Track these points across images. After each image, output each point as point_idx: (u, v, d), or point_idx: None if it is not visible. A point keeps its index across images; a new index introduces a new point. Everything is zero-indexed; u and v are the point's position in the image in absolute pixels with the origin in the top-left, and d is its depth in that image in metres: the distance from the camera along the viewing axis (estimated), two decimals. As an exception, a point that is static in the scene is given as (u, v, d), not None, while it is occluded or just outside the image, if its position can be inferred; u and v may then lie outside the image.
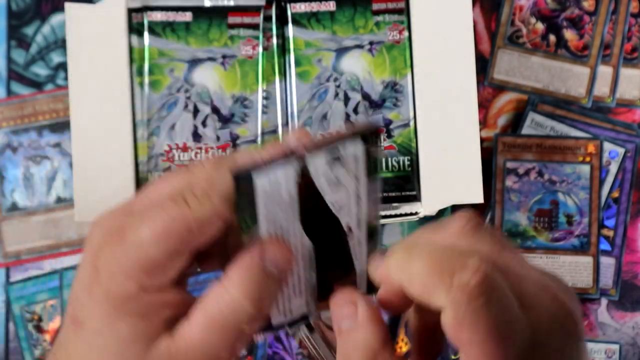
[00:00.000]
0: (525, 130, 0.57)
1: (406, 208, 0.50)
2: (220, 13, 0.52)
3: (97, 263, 0.30)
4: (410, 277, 0.28)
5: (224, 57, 0.51)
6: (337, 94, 0.51)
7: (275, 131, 0.51)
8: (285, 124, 0.51)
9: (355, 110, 0.51)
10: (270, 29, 0.52)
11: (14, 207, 0.56)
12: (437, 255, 0.28)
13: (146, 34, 0.51)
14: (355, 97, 0.52)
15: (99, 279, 0.30)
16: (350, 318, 0.30)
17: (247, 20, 0.52)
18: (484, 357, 0.26)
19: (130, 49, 0.51)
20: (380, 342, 0.30)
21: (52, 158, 0.56)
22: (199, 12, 0.51)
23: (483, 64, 0.57)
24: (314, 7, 0.52)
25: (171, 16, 0.51)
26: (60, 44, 0.57)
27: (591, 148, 0.56)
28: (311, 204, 0.30)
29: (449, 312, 0.26)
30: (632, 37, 0.58)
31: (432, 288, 0.27)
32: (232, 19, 0.52)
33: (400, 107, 0.51)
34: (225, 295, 0.30)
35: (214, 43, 0.52)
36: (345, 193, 0.31)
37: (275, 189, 0.29)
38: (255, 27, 0.52)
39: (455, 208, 0.57)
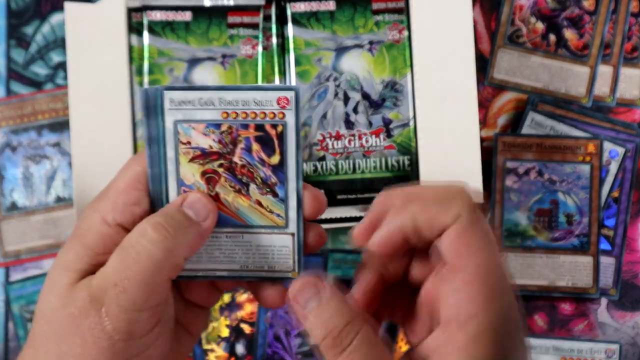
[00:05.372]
0: (525, 129, 0.56)
1: (406, 208, 0.50)
2: (219, 12, 0.52)
3: (81, 216, 0.34)
4: (421, 206, 0.31)
5: (223, 56, 0.51)
6: (336, 94, 0.51)
7: (274, 131, 0.51)
8: (285, 124, 0.51)
9: (355, 110, 0.51)
10: (270, 29, 0.52)
11: (13, 207, 0.56)
12: (436, 186, 0.33)
13: (146, 33, 0.51)
14: (355, 96, 0.51)
15: (78, 222, 0.34)
16: (314, 299, 0.32)
17: (246, 19, 0.52)
18: (489, 259, 0.30)
19: (130, 49, 0.51)
20: (349, 313, 0.31)
21: (52, 157, 0.56)
22: (199, 11, 0.51)
23: (483, 64, 0.57)
24: (314, 6, 0.52)
25: (171, 15, 0.51)
26: (59, 43, 0.57)
27: (591, 148, 0.56)
28: None
29: (463, 219, 0.30)
30: (632, 36, 0.58)
31: (446, 205, 0.31)
32: (231, 19, 0.52)
33: (400, 106, 0.51)
34: (139, 228, 0.32)
35: (213, 42, 0.52)
36: None
37: None
38: (254, 26, 0.52)
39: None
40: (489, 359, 0.29)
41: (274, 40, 0.52)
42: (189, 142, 0.32)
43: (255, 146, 0.32)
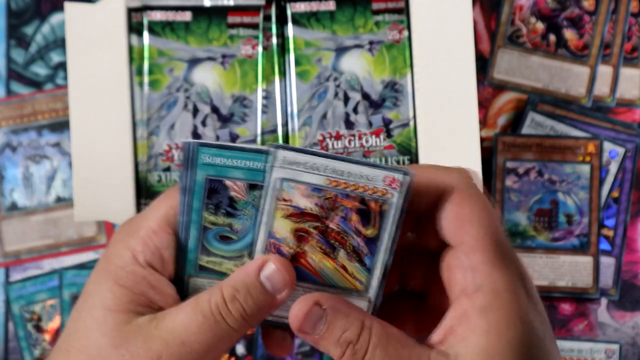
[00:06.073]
0: (525, 129, 0.56)
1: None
2: (219, 12, 0.52)
3: (109, 248, 0.34)
4: (423, 168, 0.32)
5: (223, 56, 0.51)
6: (336, 94, 0.51)
7: (275, 131, 0.51)
8: (285, 124, 0.51)
9: (355, 110, 0.51)
10: (270, 29, 0.52)
11: (13, 207, 0.56)
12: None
13: (146, 33, 0.51)
14: (355, 96, 0.51)
15: (106, 254, 0.34)
16: (320, 322, 0.32)
17: (246, 19, 0.52)
18: (489, 229, 0.29)
19: (130, 49, 0.51)
20: (358, 321, 0.32)
21: (52, 157, 0.56)
22: (199, 11, 0.51)
23: (483, 64, 0.57)
24: (314, 6, 0.52)
25: (171, 16, 0.51)
26: (59, 43, 0.57)
27: (591, 148, 0.56)
28: None
29: (460, 187, 0.31)
30: (632, 36, 0.58)
31: (445, 171, 0.32)
32: (231, 19, 0.52)
33: (400, 106, 0.51)
34: (217, 292, 0.32)
35: (213, 42, 0.51)
36: None
37: None
38: (254, 26, 0.52)
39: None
40: (505, 325, 0.29)
41: (274, 40, 0.52)
42: (289, 200, 0.33)
43: (354, 217, 0.33)
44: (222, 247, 0.35)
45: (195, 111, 0.51)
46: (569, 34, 0.58)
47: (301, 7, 0.52)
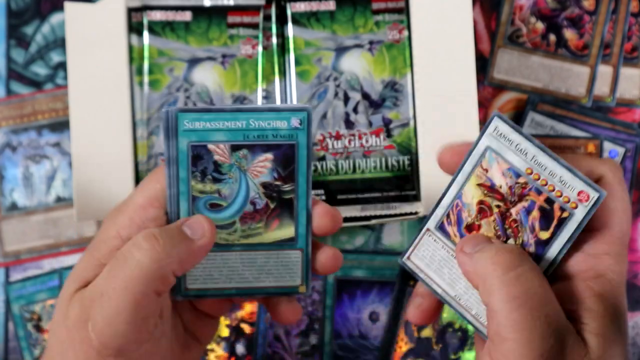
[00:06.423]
0: (525, 129, 0.56)
1: (406, 208, 0.50)
2: (219, 12, 0.52)
3: (99, 228, 0.35)
4: (580, 157, 0.36)
5: (223, 56, 0.51)
6: (336, 94, 0.51)
7: (274, 131, 0.51)
8: (285, 124, 0.51)
9: (355, 110, 0.51)
10: (270, 29, 0.52)
11: (13, 207, 0.56)
12: None
13: (146, 33, 0.51)
14: (355, 96, 0.51)
15: (96, 234, 0.35)
16: (483, 244, 0.33)
17: (246, 19, 0.52)
18: (627, 225, 0.33)
19: (130, 48, 0.51)
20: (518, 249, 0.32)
21: (52, 157, 0.56)
22: (199, 11, 0.51)
23: (483, 64, 0.57)
24: (314, 6, 0.52)
25: (171, 15, 0.51)
26: (59, 43, 0.57)
27: (591, 147, 0.56)
28: None
29: (615, 178, 0.34)
30: (632, 36, 0.58)
31: (600, 161, 0.34)
32: (231, 19, 0.52)
33: (400, 106, 0.51)
34: (133, 238, 0.32)
35: (213, 42, 0.52)
36: None
37: None
38: (254, 26, 0.52)
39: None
40: (617, 311, 0.31)
41: (274, 40, 0.52)
42: (486, 170, 0.34)
43: (536, 214, 0.33)
44: (213, 216, 0.35)
45: (195, 111, 0.51)
46: (569, 34, 0.58)
47: (301, 7, 0.52)
